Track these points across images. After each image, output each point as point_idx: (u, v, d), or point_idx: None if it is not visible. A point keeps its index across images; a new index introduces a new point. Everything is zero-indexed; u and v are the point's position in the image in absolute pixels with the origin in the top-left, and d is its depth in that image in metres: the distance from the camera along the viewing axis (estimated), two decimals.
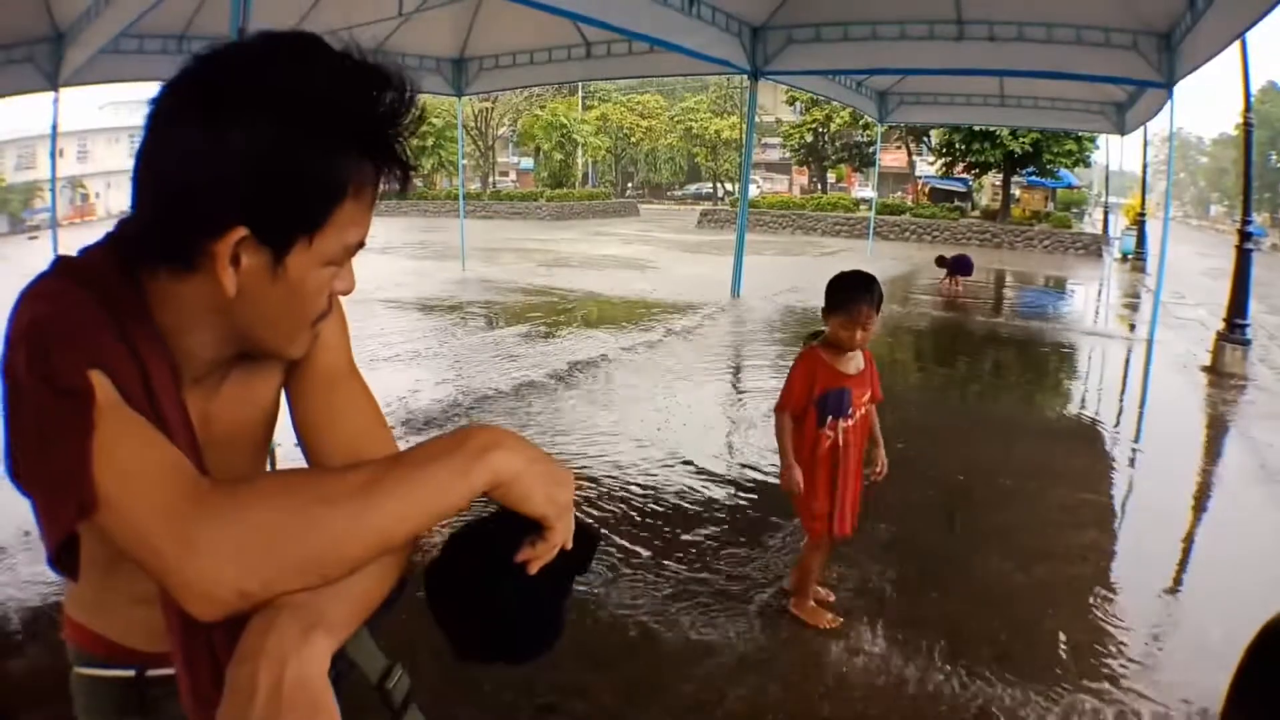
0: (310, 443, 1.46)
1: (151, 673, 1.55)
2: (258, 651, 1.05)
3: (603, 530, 5.91)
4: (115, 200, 54.42)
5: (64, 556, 1.12)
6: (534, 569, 1.20)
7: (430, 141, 51.72)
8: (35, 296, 1.14)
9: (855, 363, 4.53)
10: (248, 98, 1.09)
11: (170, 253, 1.16)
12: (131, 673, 1.55)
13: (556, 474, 1.21)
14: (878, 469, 4.76)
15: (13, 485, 1.14)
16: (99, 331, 1.13)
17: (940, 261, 21.28)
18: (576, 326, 14.51)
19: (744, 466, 7.48)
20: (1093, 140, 38.03)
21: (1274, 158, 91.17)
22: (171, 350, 1.25)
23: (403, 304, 15.99)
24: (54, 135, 15.54)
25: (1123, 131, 24.31)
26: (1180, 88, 14.23)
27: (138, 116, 1.16)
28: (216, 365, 1.35)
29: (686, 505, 6.54)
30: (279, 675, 1.03)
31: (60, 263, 1.23)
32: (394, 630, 1.27)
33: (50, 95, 14.40)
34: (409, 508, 1.10)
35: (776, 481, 4.65)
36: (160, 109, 1.14)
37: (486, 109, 56.85)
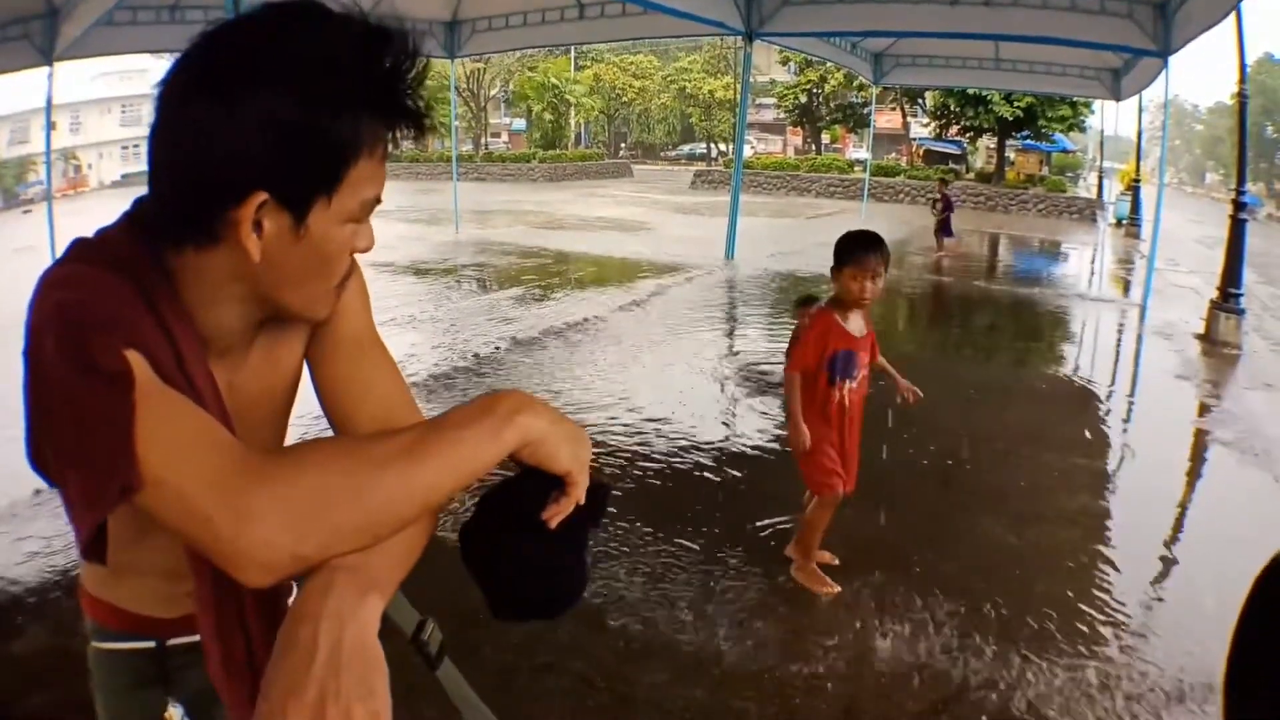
0: (338, 408, 1.49)
1: (172, 642, 1.58)
2: (319, 612, 1.07)
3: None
4: (107, 170, 54.10)
5: (94, 541, 1.13)
6: (554, 523, 1.25)
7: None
8: (58, 282, 1.15)
9: (860, 326, 4.63)
10: (257, 67, 1.12)
11: (193, 227, 1.18)
12: (152, 644, 1.58)
13: (576, 433, 1.27)
14: (909, 396, 5.01)
15: (34, 471, 1.17)
16: (129, 311, 1.15)
17: (943, 183, 21.64)
18: (570, 289, 14.56)
19: (739, 428, 7.52)
20: (1088, 105, 37.88)
21: (1270, 129, 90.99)
22: (199, 324, 1.27)
23: (396, 267, 15.97)
24: (48, 109, 15.40)
25: (1118, 98, 24.20)
26: (1176, 55, 14.19)
27: (128, 86, 1.17)
28: (243, 335, 1.37)
29: (682, 466, 6.58)
30: (339, 635, 1.05)
31: (78, 245, 1.23)
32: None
33: (45, 70, 14.29)
34: (450, 468, 1.15)
35: (772, 443, 4.65)
36: (170, 89, 1.16)
37: (478, 70, 56.31)
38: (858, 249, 4.49)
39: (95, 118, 55.35)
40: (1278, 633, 1.04)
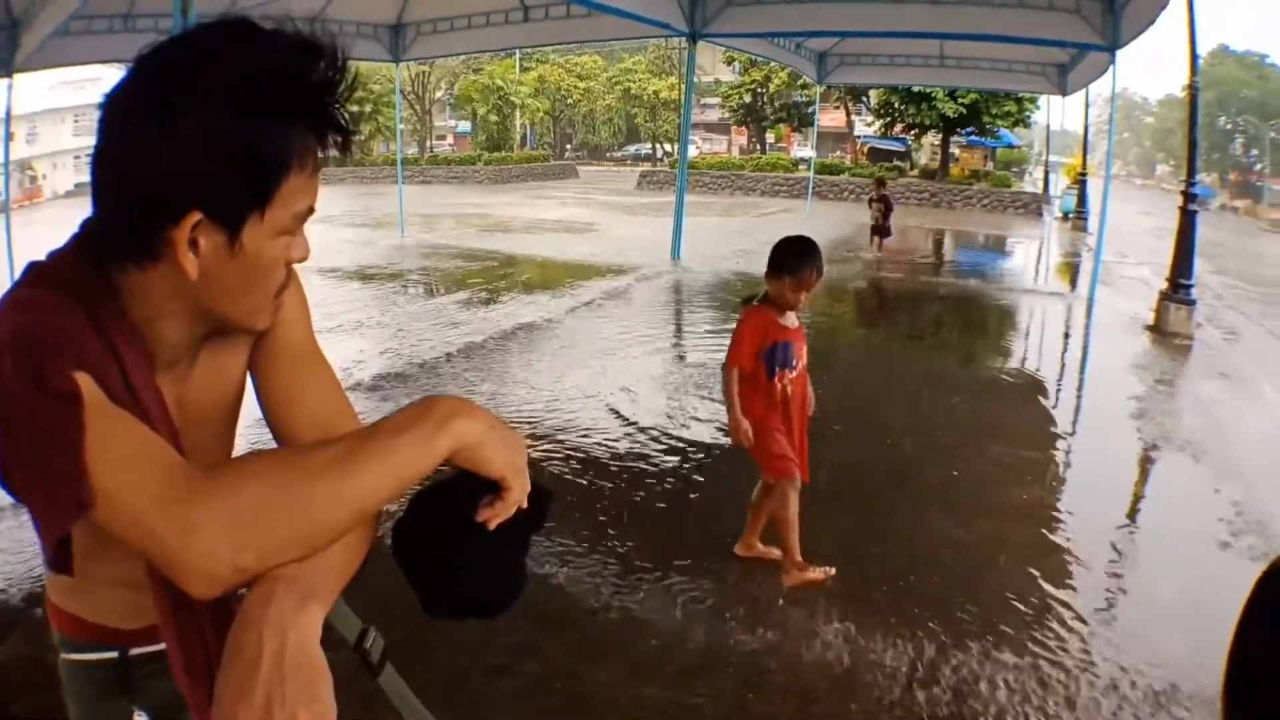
0: (278, 418, 1.51)
1: (135, 652, 1.60)
2: (260, 621, 1.10)
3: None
4: (61, 180, 53.45)
5: (59, 554, 1.18)
6: (493, 525, 1.27)
7: (368, 108, 51.22)
8: (13, 306, 1.18)
9: (792, 319, 4.73)
10: (188, 87, 1.13)
11: (134, 246, 1.20)
12: (115, 654, 1.60)
13: (512, 438, 1.28)
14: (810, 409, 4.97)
15: (3, 489, 1.17)
16: (79, 334, 1.17)
17: (879, 184, 21.02)
18: (517, 292, 14.54)
19: (688, 427, 7.54)
20: (1033, 101, 38.34)
21: (1223, 120, 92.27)
22: (145, 339, 1.29)
23: (342, 273, 15.87)
24: (7, 121, 15.24)
25: (1064, 92, 24.52)
26: (1125, 48, 14.37)
27: (82, 95, 1.18)
28: (186, 349, 1.39)
29: (629, 466, 6.60)
30: (281, 642, 1.08)
31: (32, 270, 1.26)
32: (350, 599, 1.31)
33: (4, 82, 14.15)
34: (385, 475, 1.17)
35: (716, 440, 4.67)
36: (111, 111, 1.18)
37: (423, 73, 56.02)
38: (798, 262, 4.56)
39: (50, 128, 54.62)
40: (1276, 637, 1.06)
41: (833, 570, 4.82)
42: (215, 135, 1.13)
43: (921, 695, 3.96)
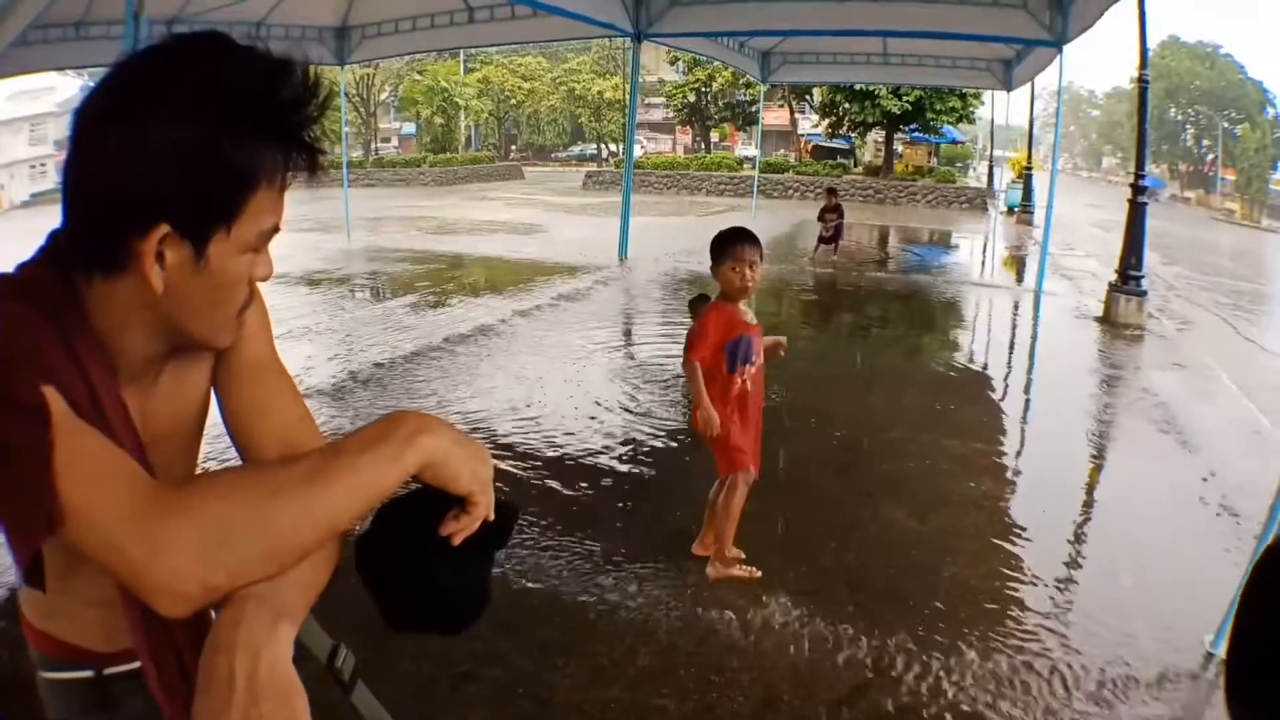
0: (242, 434, 1.51)
1: (109, 671, 1.58)
2: (232, 643, 1.10)
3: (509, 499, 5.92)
4: (18, 191, 52.90)
5: (32, 570, 1.16)
6: (458, 541, 1.27)
7: None
8: None
9: (750, 315, 4.78)
10: (160, 99, 1.13)
11: (100, 256, 1.19)
12: (90, 673, 1.58)
13: (478, 453, 1.30)
14: (780, 350, 5.07)
15: None
16: (47, 347, 1.16)
17: (831, 194, 19.59)
18: (465, 295, 14.47)
19: (640, 426, 7.54)
20: (978, 96, 38.72)
21: (1173, 111, 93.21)
22: (110, 351, 1.28)
23: (290, 278, 15.69)
24: None
25: (1009, 88, 24.69)
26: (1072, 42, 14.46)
27: (37, 105, 1.17)
28: (151, 363, 1.38)
29: (585, 468, 6.58)
30: (254, 664, 1.09)
31: (0, 281, 1.25)
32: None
33: None
34: (352, 493, 1.18)
35: (675, 441, 4.67)
36: (82, 119, 1.17)
37: (368, 75, 55.61)
38: (731, 243, 4.65)
39: (7, 138, 53.96)
40: (1275, 623, 1.07)
41: (758, 573, 4.87)
42: (185, 148, 1.13)
43: (884, 688, 3.99)
